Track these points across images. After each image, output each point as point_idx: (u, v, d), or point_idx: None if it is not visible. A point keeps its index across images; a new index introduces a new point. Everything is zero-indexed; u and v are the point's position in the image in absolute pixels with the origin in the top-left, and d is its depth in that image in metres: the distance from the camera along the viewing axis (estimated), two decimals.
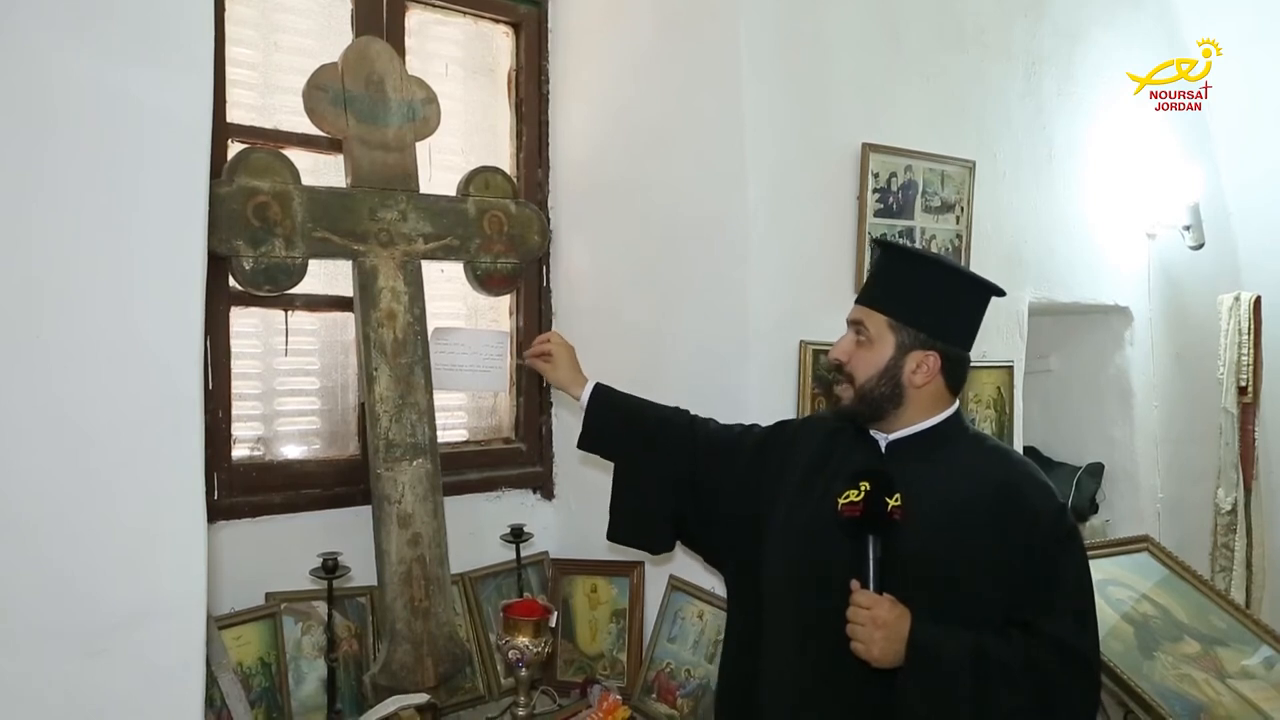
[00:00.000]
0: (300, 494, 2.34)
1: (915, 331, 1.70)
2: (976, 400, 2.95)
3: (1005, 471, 1.69)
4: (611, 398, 2.11)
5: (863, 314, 1.74)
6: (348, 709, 2.21)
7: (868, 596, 1.55)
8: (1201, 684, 2.09)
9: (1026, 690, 1.53)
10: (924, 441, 1.72)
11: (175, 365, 1.50)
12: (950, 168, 2.80)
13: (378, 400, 2.27)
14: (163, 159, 1.49)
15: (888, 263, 1.80)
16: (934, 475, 1.64)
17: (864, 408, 1.72)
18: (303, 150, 2.39)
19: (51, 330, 1.40)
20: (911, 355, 1.69)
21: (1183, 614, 2.27)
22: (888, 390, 1.70)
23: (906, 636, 1.53)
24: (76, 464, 1.41)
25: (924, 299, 1.72)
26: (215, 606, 2.03)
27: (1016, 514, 1.61)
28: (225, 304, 2.24)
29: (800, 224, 2.47)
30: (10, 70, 1.36)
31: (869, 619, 1.53)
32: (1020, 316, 3.12)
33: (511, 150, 2.80)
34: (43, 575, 1.38)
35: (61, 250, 1.41)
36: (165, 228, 1.50)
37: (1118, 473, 3.72)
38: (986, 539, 1.60)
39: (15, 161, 1.37)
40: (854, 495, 1.57)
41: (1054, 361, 3.87)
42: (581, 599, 2.60)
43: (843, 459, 1.73)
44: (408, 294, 2.35)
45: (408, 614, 2.23)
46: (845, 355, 1.74)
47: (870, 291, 1.78)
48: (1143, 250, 3.66)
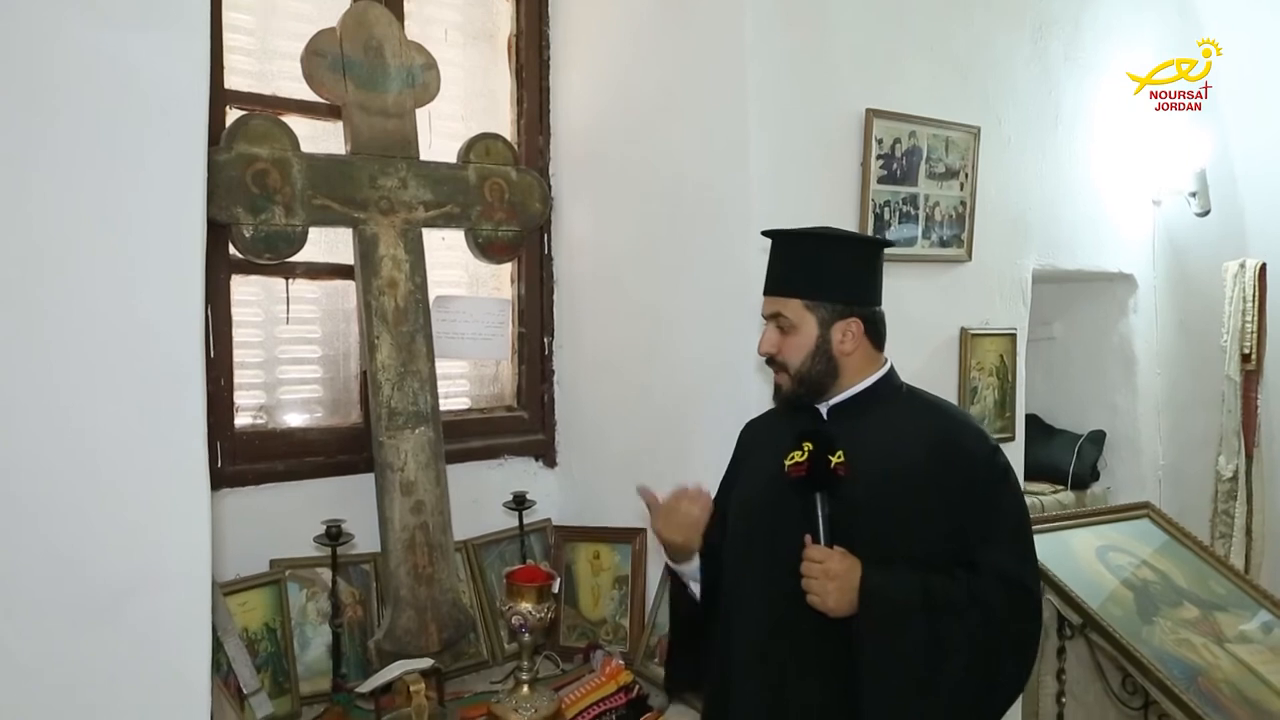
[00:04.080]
0: (303, 462, 2.35)
1: (830, 305, 1.75)
2: (979, 368, 2.95)
3: (941, 421, 1.77)
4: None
5: (777, 304, 1.77)
6: (353, 673, 2.24)
7: (819, 550, 1.62)
8: (1200, 648, 2.11)
9: (973, 622, 1.60)
10: (861, 402, 1.78)
11: (176, 333, 1.50)
12: (955, 133, 2.77)
13: (380, 368, 2.27)
14: (160, 125, 1.48)
15: (782, 248, 1.82)
16: (874, 431, 1.71)
17: (805, 389, 1.77)
18: (302, 117, 2.37)
19: (51, 300, 1.39)
20: (835, 328, 1.75)
21: (1182, 579, 2.28)
22: (823, 366, 1.75)
23: (858, 585, 1.60)
24: (79, 433, 1.42)
25: (826, 272, 1.77)
26: (220, 573, 2.05)
27: (954, 459, 1.69)
28: (226, 272, 2.24)
29: (803, 190, 2.45)
30: (5, 36, 1.35)
31: (821, 571, 1.60)
32: (1024, 284, 3.11)
33: (512, 117, 2.78)
34: (49, 544, 1.39)
35: (59, 219, 1.40)
36: (164, 195, 1.49)
37: (1119, 440, 3.73)
38: (928, 486, 1.67)
39: (11, 129, 1.36)
40: (798, 456, 1.64)
41: (1057, 329, 3.86)
42: (584, 565, 2.62)
43: (786, 431, 1.78)
44: (409, 262, 2.34)
45: (411, 580, 2.25)
46: (774, 347, 1.78)
47: (776, 281, 1.80)
48: (1148, 217, 3.64)
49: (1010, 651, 1.65)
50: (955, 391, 2.84)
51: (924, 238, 2.73)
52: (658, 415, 2.55)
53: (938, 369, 2.80)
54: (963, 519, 1.66)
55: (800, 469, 1.64)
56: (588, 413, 2.76)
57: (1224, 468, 3.50)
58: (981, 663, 1.61)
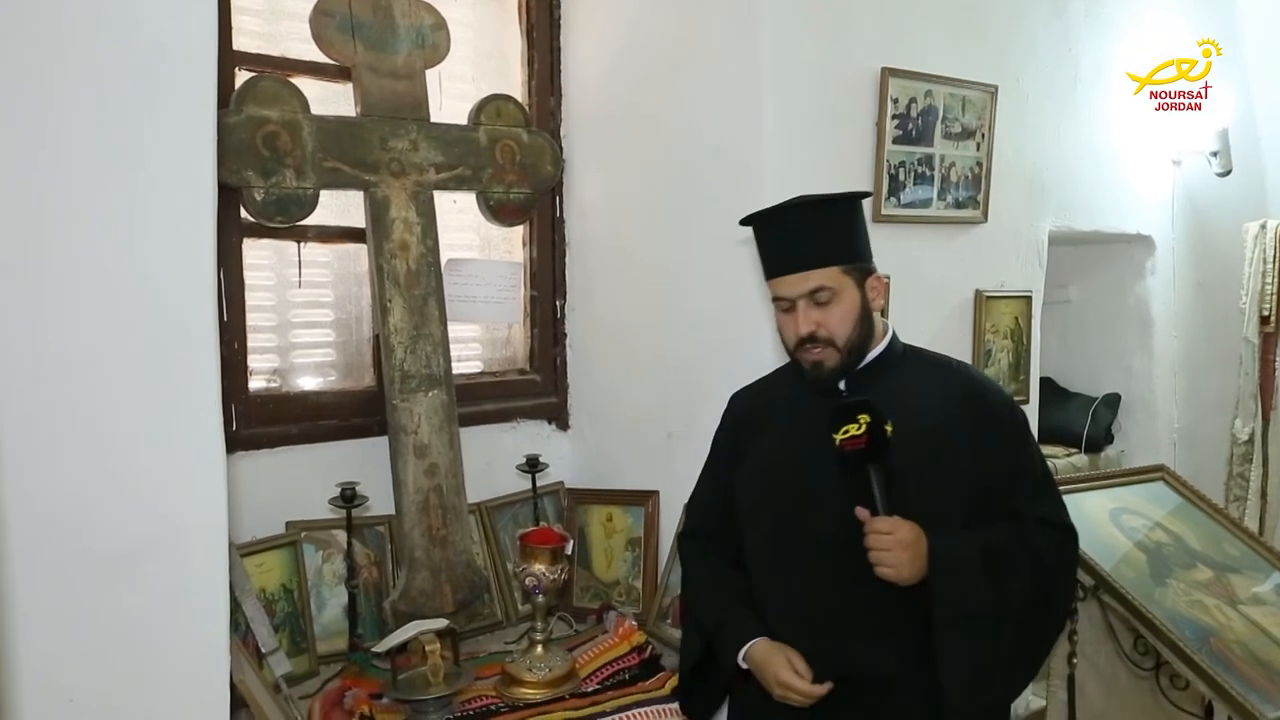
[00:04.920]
0: (317, 425, 2.36)
1: (859, 264, 1.73)
2: (994, 331, 2.93)
3: (960, 380, 1.78)
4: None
5: (812, 279, 1.67)
6: (369, 633, 2.26)
7: (887, 521, 1.59)
8: (1212, 609, 2.11)
9: (1028, 571, 1.65)
10: (878, 367, 1.75)
11: (189, 297, 1.50)
12: (972, 93, 2.73)
13: (392, 332, 2.27)
14: (169, 87, 1.47)
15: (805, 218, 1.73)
16: (898, 395, 1.69)
17: (853, 359, 1.73)
18: (311, 78, 2.35)
19: (64, 266, 1.40)
20: (867, 285, 1.73)
21: (1196, 541, 2.28)
22: (866, 329, 1.73)
23: (926, 552, 1.59)
24: (96, 396, 1.43)
25: (854, 232, 1.75)
26: (236, 535, 2.06)
27: (981, 416, 1.71)
28: (237, 236, 2.24)
29: (817, 151, 2.42)
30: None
31: (894, 543, 1.58)
32: (1040, 246, 3.08)
33: (523, 77, 2.75)
34: (70, 504, 1.41)
35: (70, 182, 1.40)
36: (174, 157, 1.48)
37: (1134, 403, 3.70)
38: (963, 444, 1.68)
39: (17, 90, 1.35)
40: (854, 429, 1.60)
41: (1073, 292, 3.83)
42: (597, 528, 2.63)
43: (807, 401, 1.75)
44: (420, 225, 2.33)
45: (426, 542, 2.27)
46: (814, 324, 1.69)
47: (803, 254, 1.70)
48: (1167, 177, 3.58)
49: (1062, 585, 1.74)
50: (970, 354, 2.83)
51: (939, 199, 2.69)
52: (670, 377, 2.55)
53: (952, 332, 2.78)
54: (995, 472, 1.69)
55: (859, 442, 1.60)
56: (600, 375, 2.76)
57: (1240, 430, 3.49)
58: (1042, 604, 1.67)
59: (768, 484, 1.79)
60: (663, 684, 2.10)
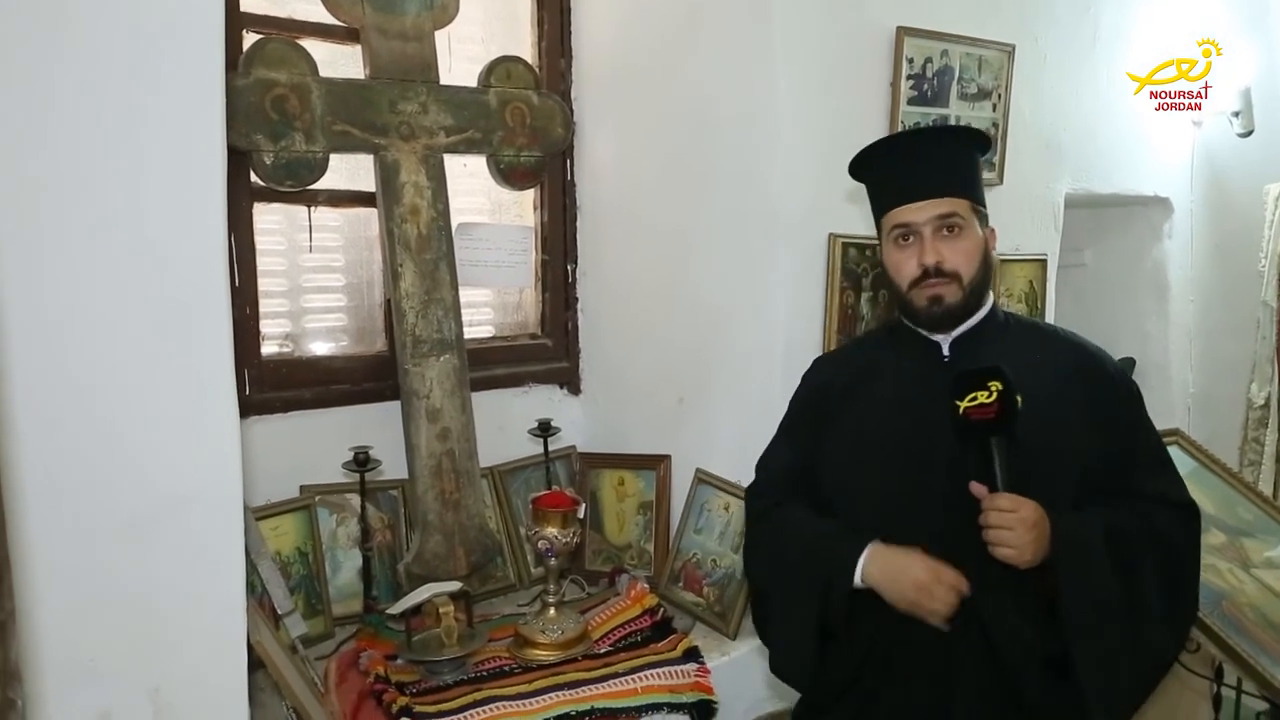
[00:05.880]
0: (330, 389, 2.36)
1: (982, 208, 1.63)
2: (1008, 294, 2.91)
3: (1072, 348, 1.66)
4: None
5: (945, 205, 1.57)
6: (383, 596, 2.29)
7: (1010, 499, 1.46)
8: (1225, 573, 2.10)
9: (1153, 552, 1.53)
10: (983, 333, 1.64)
11: (200, 262, 1.50)
12: (988, 52, 2.68)
13: (403, 296, 2.27)
14: (177, 50, 1.46)
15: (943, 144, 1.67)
16: (1011, 363, 1.52)
17: (973, 302, 1.60)
18: (319, 40, 2.33)
19: (75, 231, 1.39)
20: (987, 235, 1.64)
21: (1210, 505, 2.27)
22: (986, 275, 1.62)
23: (1049, 533, 1.47)
24: (110, 360, 1.43)
25: (972, 169, 1.64)
26: (251, 498, 2.08)
27: (1102, 386, 1.60)
28: (248, 200, 2.23)
29: (831, 112, 2.39)
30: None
31: (1018, 521, 1.45)
32: (1056, 208, 3.05)
33: (533, 39, 2.71)
34: (86, 468, 1.42)
35: (78, 148, 1.39)
36: (183, 121, 1.47)
37: (1149, 367, 3.68)
38: (1082, 416, 1.57)
39: (25, 55, 1.34)
40: (984, 397, 1.47)
41: (1088, 255, 3.79)
42: (609, 491, 2.64)
43: (903, 366, 1.65)
44: (430, 189, 2.32)
45: (439, 506, 2.28)
46: (940, 255, 1.57)
47: (939, 181, 1.59)
48: (1187, 138, 3.53)
49: (1191, 568, 1.60)
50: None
51: None
52: (682, 342, 2.54)
53: None
54: (1111, 448, 1.57)
55: (988, 411, 1.47)
56: (611, 340, 2.75)
57: (1256, 395, 3.45)
58: (1173, 589, 1.55)
59: (867, 453, 1.65)
60: (674, 645, 2.12)
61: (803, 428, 1.78)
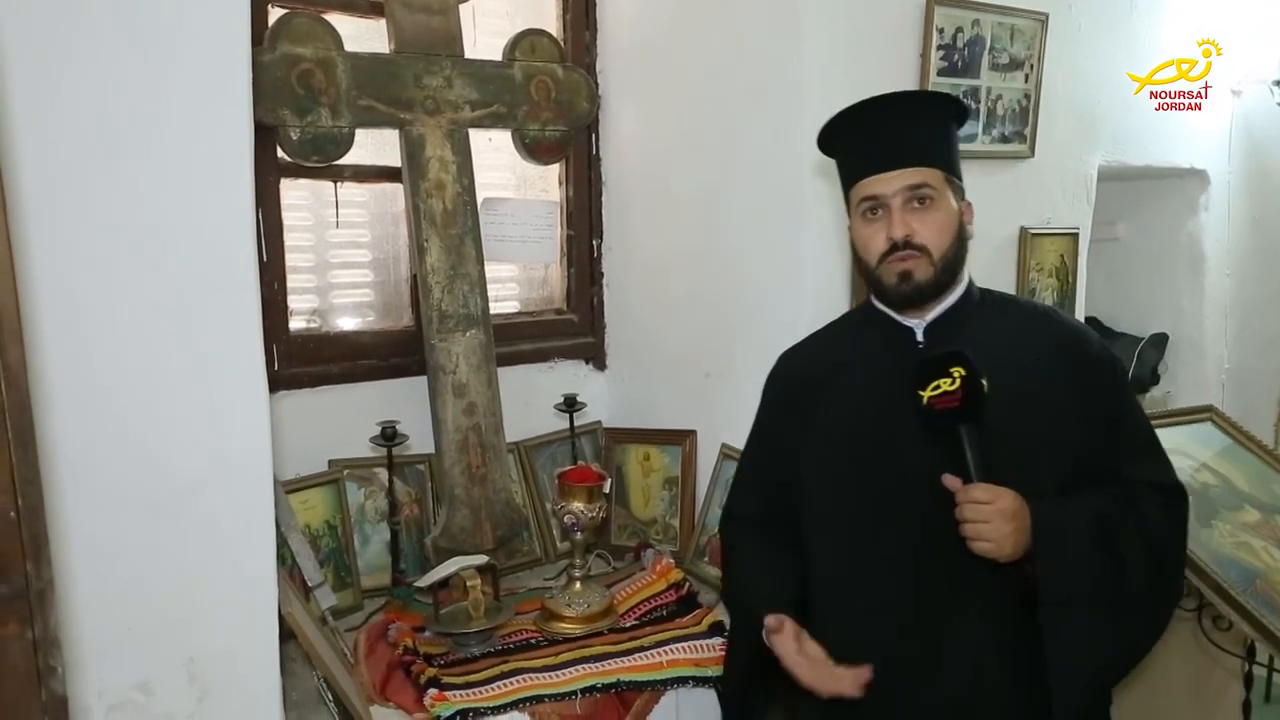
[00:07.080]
0: (357, 365, 2.38)
1: (958, 180, 1.55)
2: (1039, 269, 2.87)
3: (1054, 327, 1.59)
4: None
5: (914, 175, 1.49)
6: (411, 569, 2.31)
7: (985, 489, 1.39)
8: (1259, 551, 2.08)
9: (1140, 543, 1.46)
10: (959, 314, 1.56)
11: (229, 237, 1.51)
12: (1021, 21, 2.63)
13: (429, 271, 2.27)
14: (203, 25, 1.46)
15: (911, 110, 1.58)
16: (987, 346, 1.47)
17: (945, 279, 1.52)
18: (344, 15, 2.32)
19: (104, 209, 1.40)
20: (963, 208, 1.55)
21: (1244, 483, 2.23)
22: (959, 251, 1.53)
23: (1029, 524, 1.40)
24: (141, 335, 1.45)
25: (945, 137, 1.55)
26: (281, 472, 2.10)
27: (1084, 367, 1.53)
28: (275, 175, 2.24)
29: (859, 83, 2.32)
30: None
31: (995, 513, 1.38)
32: (1089, 181, 2.99)
33: (558, 11, 2.69)
34: (119, 442, 1.44)
35: (106, 125, 1.40)
36: (210, 97, 1.48)
37: (1183, 343, 3.62)
38: (1062, 399, 1.50)
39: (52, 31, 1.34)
40: (946, 385, 1.40)
41: (1121, 229, 3.73)
42: (634, 467, 2.65)
43: (871, 356, 1.59)
44: (456, 163, 2.31)
45: (465, 480, 2.29)
46: (910, 228, 1.48)
47: (907, 149, 1.50)
48: (1226, 108, 3.45)
49: (1175, 555, 1.54)
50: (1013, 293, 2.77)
51: (984, 133, 2.62)
52: (708, 317, 2.53)
53: (996, 270, 2.72)
54: (1096, 432, 1.51)
55: (952, 399, 1.39)
56: (637, 315, 2.75)
57: None
58: (1157, 577, 1.49)
59: (839, 451, 1.58)
60: (699, 620, 2.13)
61: (773, 431, 1.73)
